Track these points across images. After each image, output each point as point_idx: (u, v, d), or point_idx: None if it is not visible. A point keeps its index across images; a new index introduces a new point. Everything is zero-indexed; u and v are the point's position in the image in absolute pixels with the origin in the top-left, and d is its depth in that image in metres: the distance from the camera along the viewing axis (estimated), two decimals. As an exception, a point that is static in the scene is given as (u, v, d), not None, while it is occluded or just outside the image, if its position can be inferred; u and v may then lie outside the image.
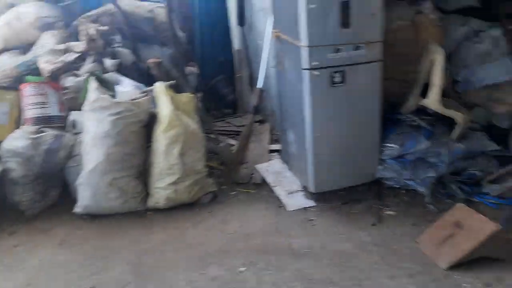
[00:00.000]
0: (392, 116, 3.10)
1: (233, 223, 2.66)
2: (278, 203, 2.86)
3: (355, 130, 2.84)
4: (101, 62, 3.07)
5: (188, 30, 4.00)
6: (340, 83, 2.71)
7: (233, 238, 2.51)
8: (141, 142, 2.78)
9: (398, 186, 2.99)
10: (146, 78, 3.11)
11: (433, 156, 2.93)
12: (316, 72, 2.62)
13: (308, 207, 2.82)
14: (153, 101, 2.86)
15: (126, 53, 3.22)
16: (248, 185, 3.08)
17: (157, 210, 2.74)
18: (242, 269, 2.22)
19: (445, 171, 2.90)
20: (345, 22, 2.60)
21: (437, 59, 2.94)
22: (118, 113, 2.68)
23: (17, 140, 2.71)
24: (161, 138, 2.75)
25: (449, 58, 3.55)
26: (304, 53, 2.59)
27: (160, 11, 3.32)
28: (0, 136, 2.77)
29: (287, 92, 3.00)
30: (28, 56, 3.17)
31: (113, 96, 2.83)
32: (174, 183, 2.73)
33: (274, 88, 3.30)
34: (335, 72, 2.67)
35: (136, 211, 2.72)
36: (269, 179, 3.08)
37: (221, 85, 4.30)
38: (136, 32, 3.33)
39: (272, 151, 3.41)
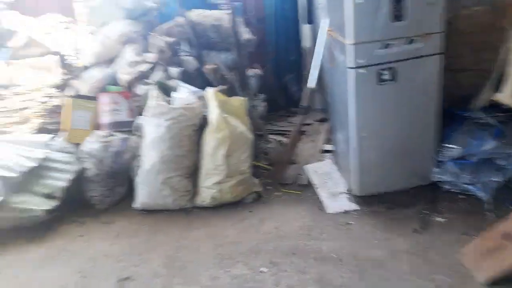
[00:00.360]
0: (458, 113, 2.83)
1: (270, 223, 2.73)
2: (320, 205, 2.84)
3: (407, 129, 2.70)
4: (167, 71, 3.39)
5: (260, 31, 4.14)
6: (389, 80, 2.57)
7: (267, 238, 2.58)
8: (193, 144, 3.02)
9: (456, 190, 2.73)
10: (207, 83, 3.33)
11: (502, 158, 2.61)
12: (362, 71, 2.52)
13: (350, 210, 2.75)
14: (205, 106, 3.06)
15: (190, 61, 3.50)
16: (294, 185, 3.12)
17: (202, 208, 2.95)
18: (264, 269, 2.30)
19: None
20: (397, 15, 2.43)
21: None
22: (172, 118, 2.95)
23: (92, 143, 3.16)
24: (209, 140, 2.95)
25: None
26: (349, 51, 2.50)
27: (227, 18, 3.50)
28: (82, 140, 3.25)
29: (335, 90, 2.96)
30: (112, 69, 3.64)
31: (171, 102, 3.11)
32: (219, 183, 2.91)
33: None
34: (384, 69, 2.54)
35: (185, 209, 2.96)
36: (315, 180, 3.07)
37: (291, 84, 4.38)
38: (202, 40, 3.57)
39: (325, 151, 3.37)
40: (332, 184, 2.99)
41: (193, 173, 3.03)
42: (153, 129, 3.00)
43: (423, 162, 2.78)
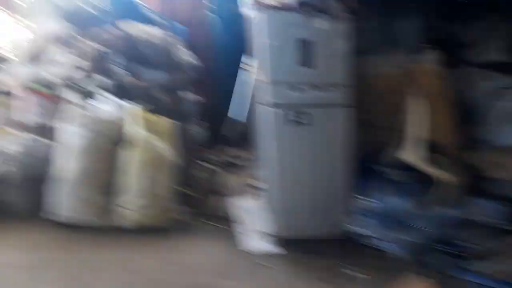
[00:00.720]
0: (373, 167, 2.87)
1: (182, 255, 2.58)
2: (239, 242, 2.73)
3: (322, 176, 2.68)
4: (96, 80, 3.21)
5: (208, 59, 4.09)
6: (303, 123, 2.57)
7: (173, 270, 2.42)
8: (113, 160, 2.83)
9: (371, 245, 2.72)
10: (135, 99, 3.17)
11: (414, 218, 2.64)
12: (277, 110, 2.53)
13: (268, 251, 2.66)
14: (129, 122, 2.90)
15: (121, 74, 3.33)
16: (218, 218, 3.00)
17: (119, 229, 2.75)
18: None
19: (427, 236, 2.59)
20: (307, 62, 2.51)
21: (420, 111, 2.70)
22: (94, 130, 2.78)
23: (12, 144, 2.90)
24: (128, 158, 2.79)
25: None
26: (266, 89, 2.55)
27: (169, 40, 3.42)
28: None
29: (260, 127, 2.92)
30: (41, 68, 3.40)
31: (95, 113, 2.92)
32: (139, 205, 2.74)
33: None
34: (298, 112, 2.56)
35: (101, 228, 2.75)
36: (240, 215, 2.97)
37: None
38: (137, 55, 3.44)
39: (254, 186, 3.30)
40: (255, 221, 2.90)
41: (110, 191, 2.84)
42: (72, 139, 2.80)
43: (337, 212, 2.77)
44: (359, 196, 2.75)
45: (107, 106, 2.99)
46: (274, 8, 2.53)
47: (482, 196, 2.77)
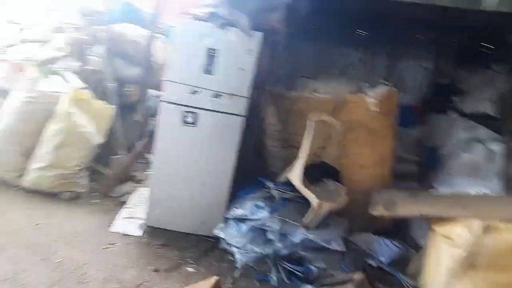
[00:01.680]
0: (260, 180, 2.80)
1: (56, 219, 2.77)
2: (112, 222, 2.84)
3: (204, 178, 2.72)
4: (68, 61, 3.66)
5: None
6: (191, 124, 2.65)
7: (32, 230, 2.61)
8: (38, 128, 3.16)
9: (227, 249, 2.64)
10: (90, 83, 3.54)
11: (271, 232, 2.52)
12: (169, 105, 2.64)
13: (130, 234, 2.73)
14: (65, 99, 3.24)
15: (93, 62, 3.75)
16: (115, 199, 3.15)
17: (23, 189, 3.05)
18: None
19: (276, 252, 2.45)
20: (208, 69, 2.59)
21: (308, 134, 2.61)
22: (31, 97, 3.16)
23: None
24: (48, 127, 3.11)
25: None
26: (164, 86, 2.67)
27: (147, 38, 3.79)
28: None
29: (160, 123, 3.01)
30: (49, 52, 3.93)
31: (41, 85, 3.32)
32: (41, 169, 3.03)
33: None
34: (188, 111, 2.64)
35: (11, 184, 3.08)
36: (131, 200, 3.09)
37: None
38: (118, 50, 3.83)
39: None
40: (138, 209, 2.98)
41: (29, 154, 3.17)
42: (14, 101, 3.20)
43: (211, 214, 2.73)
44: (235, 204, 2.71)
45: (59, 84, 3.39)
46: (190, 17, 2.70)
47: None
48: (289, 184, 2.70)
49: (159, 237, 2.73)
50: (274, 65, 2.97)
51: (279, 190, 2.69)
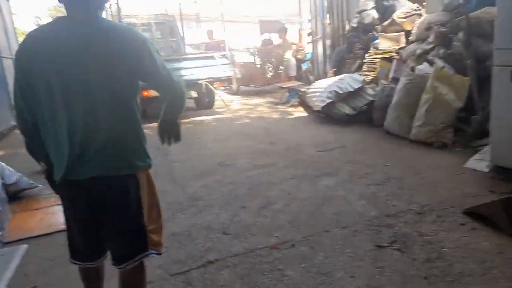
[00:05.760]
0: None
1: (424, 157, 4.04)
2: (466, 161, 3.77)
3: None
4: (436, 51, 4.81)
5: None
6: None
7: (405, 159, 4.01)
8: (416, 98, 4.50)
9: None
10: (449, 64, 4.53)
11: None
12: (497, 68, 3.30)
13: (478, 170, 3.56)
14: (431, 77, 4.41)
15: (457, 46, 4.67)
16: (473, 149, 3.98)
17: (412, 140, 4.49)
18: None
19: None
20: None
21: None
22: (410, 79, 4.59)
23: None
24: (422, 98, 4.39)
25: None
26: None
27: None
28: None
29: None
30: (422, 46, 5.34)
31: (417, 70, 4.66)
32: (419, 126, 4.37)
33: None
34: None
35: (404, 137, 4.62)
36: (484, 148, 3.84)
37: None
38: (478, 31, 4.49)
39: None
40: (487, 153, 3.69)
41: (413, 116, 4.56)
42: (400, 83, 4.73)
43: None
44: None
45: (428, 68, 4.64)
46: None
47: None
48: None
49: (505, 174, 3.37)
50: None
51: None
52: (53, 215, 3.26)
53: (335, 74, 7.81)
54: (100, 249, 1.64)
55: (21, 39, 4.58)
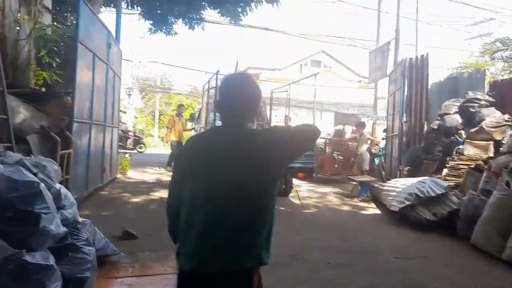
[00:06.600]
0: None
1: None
2: None
3: None
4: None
5: None
6: None
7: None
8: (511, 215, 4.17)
9: None
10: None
11: None
12: None
13: None
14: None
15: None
16: None
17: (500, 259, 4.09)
18: None
19: None
20: None
21: None
22: (502, 194, 4.29)
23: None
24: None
25: None
26: None
27: None
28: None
29: None
30: None
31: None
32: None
33: None
34: None
35: (493, 255, 4.21)
36: None
37: None
38: None
39: None
40: None
41: (506, 234, 4.18)
42: (493, 198, 4.43)
43: None
44: None
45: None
46: None
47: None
48: None
49: None
50: None
51: None
52: (129, 286, 3.31)
53: (409, 172, 7.58)
54: None
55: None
